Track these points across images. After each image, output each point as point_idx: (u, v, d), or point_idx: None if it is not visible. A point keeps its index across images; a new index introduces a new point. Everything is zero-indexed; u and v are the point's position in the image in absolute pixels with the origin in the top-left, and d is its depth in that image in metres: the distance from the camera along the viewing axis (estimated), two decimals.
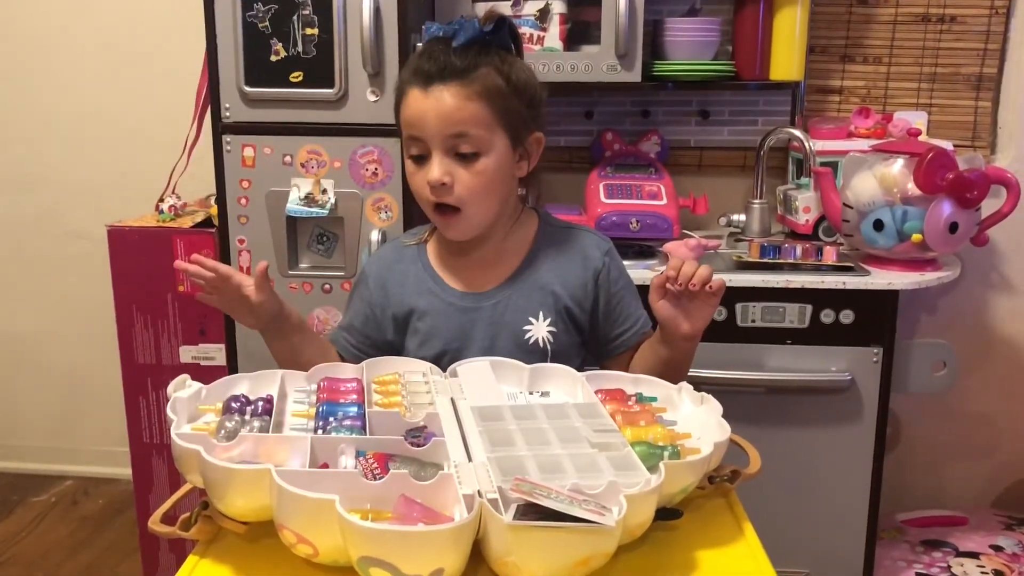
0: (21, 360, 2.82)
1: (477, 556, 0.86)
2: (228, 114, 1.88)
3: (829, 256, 1.93)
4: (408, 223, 1.86)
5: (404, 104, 1.25)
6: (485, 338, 1.31)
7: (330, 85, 1.84)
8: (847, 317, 1.88)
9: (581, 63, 1.99)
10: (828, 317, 1.89)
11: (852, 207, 1.92)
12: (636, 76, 1.98)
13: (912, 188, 1.84)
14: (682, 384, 1.15)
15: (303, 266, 1.96)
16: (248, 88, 1.85)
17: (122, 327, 2.11)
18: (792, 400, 1.92)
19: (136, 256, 2.07)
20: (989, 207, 1.92)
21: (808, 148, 2.08)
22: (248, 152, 1.89)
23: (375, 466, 0.92)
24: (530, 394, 1.18)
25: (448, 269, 1.35)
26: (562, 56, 2.00)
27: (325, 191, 1.88)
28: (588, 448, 0.97)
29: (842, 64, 2.30)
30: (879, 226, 1.88)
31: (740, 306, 1.90)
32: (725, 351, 1.89)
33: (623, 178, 2.15)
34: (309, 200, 1.88)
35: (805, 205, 2.10)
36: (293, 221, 1.91)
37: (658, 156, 2.27)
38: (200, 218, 2.10)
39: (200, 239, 2.04)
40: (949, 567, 2.08)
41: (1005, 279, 2.35)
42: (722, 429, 1.03)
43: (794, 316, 1.89)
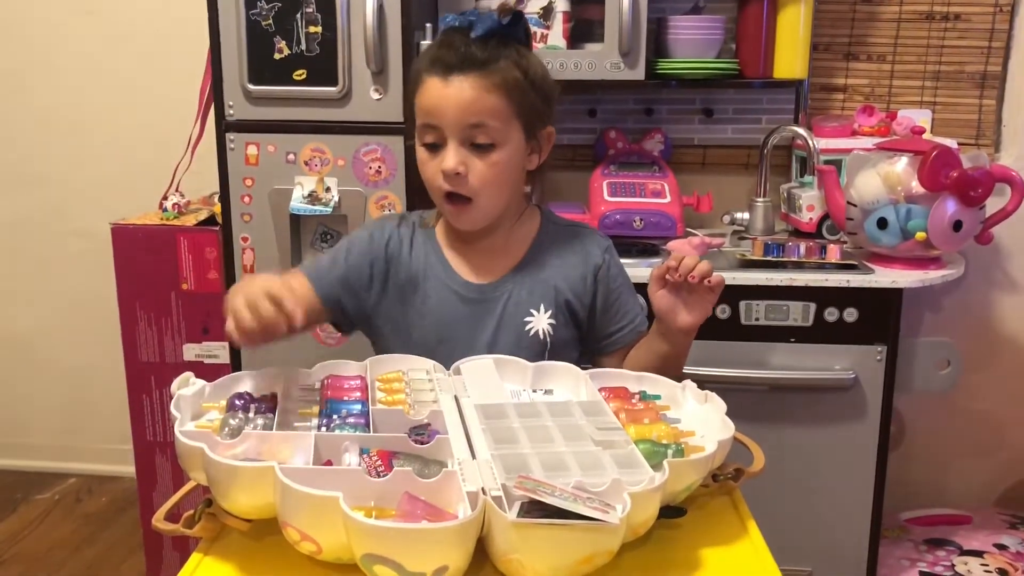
0: (24, 358, 2.82)
1: (481, 553, 0.86)
2: (231, 112, 1.88)
3: (833, 254, 1.93)
4: None
5: (421, 92, 1.25)
6: (487, 328, 1.32)
7: (333, 83, 1.84)
8: (851, 315, 1.88)
9: (584, 61, 1.98)
10: (832, 315, 1.88)
11: (856, 205, 1.92)
12: (639, 74, 1.98)
13: (916, 186, 1.83)
14: (686, 382, 1.15)
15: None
16: (251, 86, 1.85)
17: (126, 325, 2.11)
18: (796, 398, 1.92)
19: (140, 254, 2.07)
20: (993, 205, 1.92)
21: (812, 146, 2.08)
22: (251, 150, 1.89)
23: (379, 463, 0.92)
24: (533, 392, 1.18)
25: (456, 256, 1.35)
26: (565, 54, 2.00)
27: (328, 189, 1.88)
28: (592, 446, 0.97)
29: (846, 62, 2.29)
30: (883, 224, 1.88)
31: (744, 304, 1.89)
32: (729, 349, 1.89)
33: (627, 176, 2.15)
34: (312, 198, 1.88)
35: (809, 203, 2.10)
36: (296, 219, 1.91)
37: (662, 154, 2.27)
38: (203, 216, 2.10)
39: (203, 237, 2.04)
40: (953, 566, 2.08)
41: (1009, 277, 2.34)
42: (726, 427, 1.03)
43: (798, 314, 1.89)
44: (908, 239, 1.86)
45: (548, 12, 2.01)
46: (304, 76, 1.84)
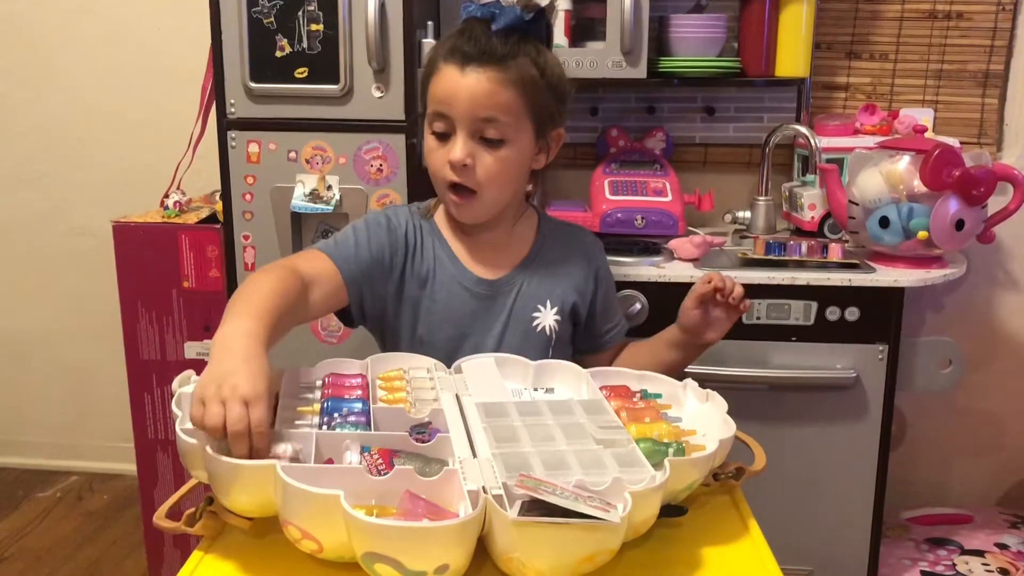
0: (26, 356, 2.82)
1: (482, 552, 0.86)
2: (233, 110, 1.88)
3: (834, 253, 1.93)
4: None
5: (436, 79, 1.24)
6: (497, 323, 1.32)
7: (335, 81, 1.83)
8: (852, 314, 1.88)
9: (586, 59, 1.98)
10: (833, 314, 1.88)
11: (858, 204, 1.91)
12: (641, 73, 1.98)
13: (918, 185, 1.83)
14: (687, 381, 1.15)
15: None
16: (253, 84, 1.85)
17: (127, 323, 2.11)
18: (797, 397, 1.92)
19: (141, 252, 2.07)
20: (995, 204, 1.91)
21: (814, 145, 2.08)
22: (253, 148, 1.89)
23: (380, 462, 0.92)
24: (535, 390, 1.18)
25: (462, 249, 1.35)
26: (567, 52, 1.99)
27: (330, 187, 1.88)
28: (593, 444, 0.97)
29: (848, 61, 2.29)
30: (885, 223, 1.87)
31: None
32: (730, 348, 1.88)
33: (628, 175, 2.15)
34: (314, 196, 1.88)
35: (810, 202, 2.10)
36: (298, 217, 1.91)
37: (663, 153, 2.26)
38: (205, 214, 2.10)
39: (205, 235, 2.04)
40: (954, 565, 2.08)
41: (1011, 276, 2.34)
42: (727, 426, 1.03)
43: (799, 313, 1.89)
44: (910, 238, 1.86)
45: (550, 10, 2.00)
46: (306, 74, 1.84)
